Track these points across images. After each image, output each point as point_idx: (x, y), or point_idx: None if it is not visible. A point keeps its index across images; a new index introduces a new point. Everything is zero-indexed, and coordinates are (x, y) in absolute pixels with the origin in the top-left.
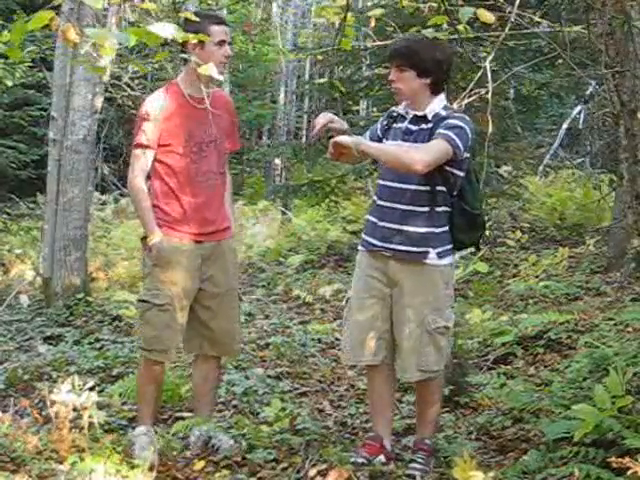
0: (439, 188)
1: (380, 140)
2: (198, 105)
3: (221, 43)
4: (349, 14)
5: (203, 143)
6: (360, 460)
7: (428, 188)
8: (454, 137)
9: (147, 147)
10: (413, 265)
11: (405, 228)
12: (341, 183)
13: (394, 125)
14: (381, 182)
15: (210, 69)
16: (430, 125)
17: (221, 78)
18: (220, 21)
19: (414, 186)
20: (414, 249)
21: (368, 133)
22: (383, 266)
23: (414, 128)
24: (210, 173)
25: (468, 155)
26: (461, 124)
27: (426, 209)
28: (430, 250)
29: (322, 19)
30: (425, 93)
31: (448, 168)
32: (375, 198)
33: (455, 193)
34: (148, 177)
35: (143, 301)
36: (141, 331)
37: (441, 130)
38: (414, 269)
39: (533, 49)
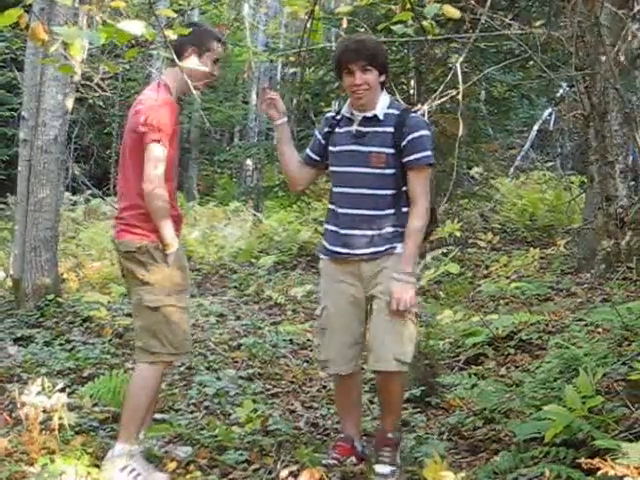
0: (404, 189)
1: (325, 148)
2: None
3: (216, 61)
4: (317, 8)
5: (178, 147)
6: (331, 461)
7: (394, 192)
8: (429, 153)
9: (165, 145)
10: (382, 259)
11: (371, 233)
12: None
13: (337, 130)
14: (338, 189)
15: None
16: (388, 129)
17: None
18: (222, 40)
19: (379, 191)
20: (381, 249)
21: (308, 150)
22: (354, 269)
23: (365, 130)
24: (174, 180)
25: None
26: (425, 132)
27: (392, 211)
28: (397, 245)
29: (294, 19)
30: (379, 92)
31: None
32: (332, 206)
33: None
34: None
35: (167, 306)
36: (167, 336)
37: (416, 155)
38: (384, 261)
39: (504, 51)
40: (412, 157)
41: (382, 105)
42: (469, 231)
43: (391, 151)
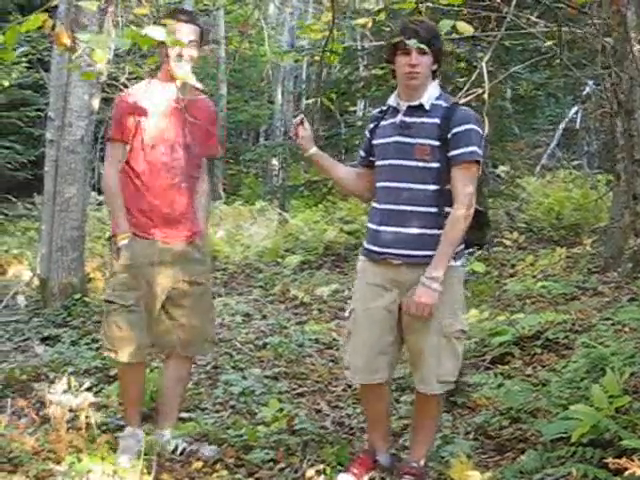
0: (449, 187)
1: (370, 142)
2: (176, 105)
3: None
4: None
5: (175, 144)
6: (349, 476)
7: (437, 188)
8: (474, 149)
9: (120, 141)
10: (424, 268)
11: (411, 231)
12: None
13: (382, 122)
14: (380, 184)
15: (181, 69)
16: (434, 120)
17: (188, 80)
18: (177, 18)
19: (421, 185)
20: (423, 253)
21: (360, 150)
22: (393, 274)
23: (410, 120)
24: (179, 176)
25: None
26: (472, 126)
27: (434, 210)
28: None
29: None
30: (430, 80)
31: None
32: (374, 203)
33: None
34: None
35: (108, 302)
36: (105, 332)
37: (460, 150)
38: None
39: (530, 49)
40: (455, 152)
41: (430, 95)
42: (495, 230)
43: (436, 143)
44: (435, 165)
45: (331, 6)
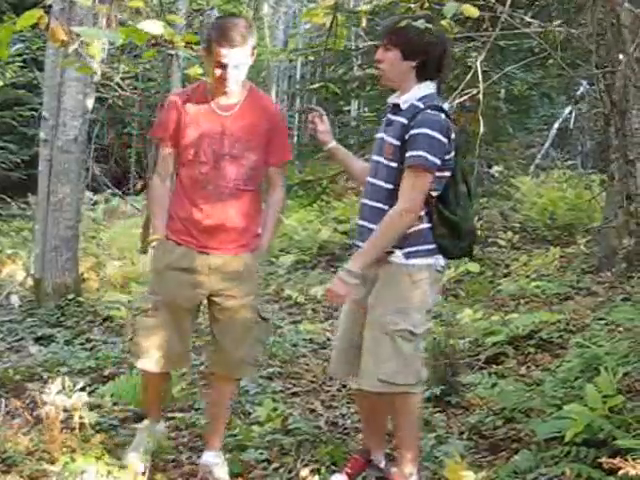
0: None
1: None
2: (222, 112)
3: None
4: (338, 14)
5: (218, 154)
6: (341, 477)
7: (393, 187)
8: (420, 154)
9: (162, 140)
10: (379, 264)
11: (372, 226)
12: (332, 183)
13: (384, 119)
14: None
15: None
16: (403, 120)
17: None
18: (234, 42)
19: (383, 183)
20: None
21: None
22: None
23: (392, 118)
24: (222, 187)
25: (451, 155)
26: (426, 130)
27: (388, 207)
28: (395, 250)
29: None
30: (410, 78)
31: None
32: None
33: (434, 195)
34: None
35: (138, 306)
36: (133, 336)
37: (409, 152)
38: (381, 268)
39: (524, 49)
40: (406, 154)
41: (412, 95)
42: (489, 230)
43: (398, 143)
44: (394, 164)
45: None
